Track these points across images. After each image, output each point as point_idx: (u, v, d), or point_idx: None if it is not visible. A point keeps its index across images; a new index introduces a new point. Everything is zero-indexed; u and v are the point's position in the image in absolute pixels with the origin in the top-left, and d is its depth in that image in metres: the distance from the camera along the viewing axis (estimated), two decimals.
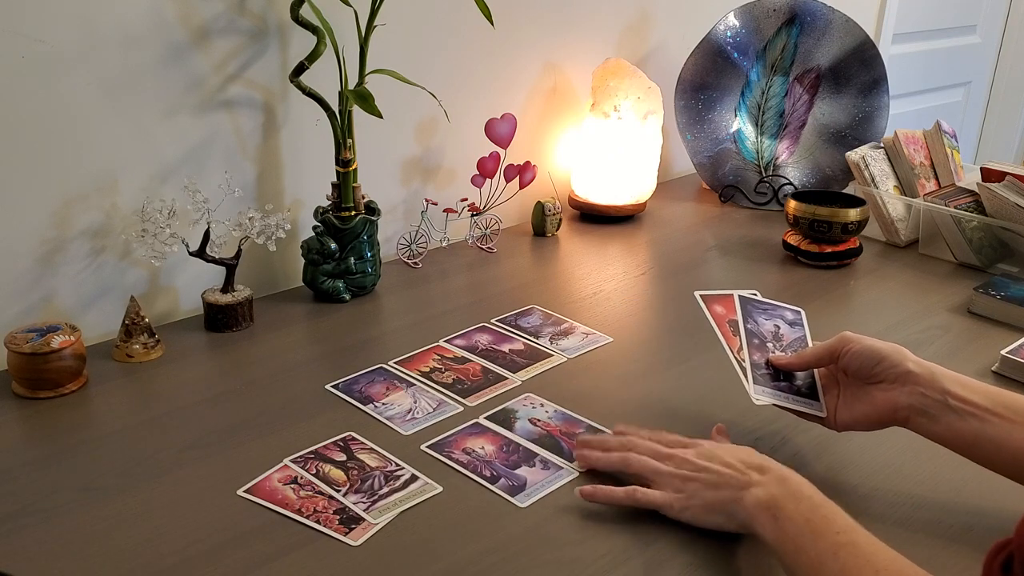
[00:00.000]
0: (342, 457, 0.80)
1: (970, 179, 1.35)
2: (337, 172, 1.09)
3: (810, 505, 0.63)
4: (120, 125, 1.00)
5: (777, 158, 1.56)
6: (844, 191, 1.38)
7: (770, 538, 0.63)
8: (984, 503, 0.75)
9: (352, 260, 1.12)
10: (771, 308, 0.88)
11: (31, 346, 0.87)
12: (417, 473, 0.78)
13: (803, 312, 0.89)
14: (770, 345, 0.83)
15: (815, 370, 0.81)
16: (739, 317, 0.85)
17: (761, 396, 0.79)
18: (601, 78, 1.41)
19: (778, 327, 0.86)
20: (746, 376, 0.80)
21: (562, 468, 0.79)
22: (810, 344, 0.84)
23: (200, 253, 1.02)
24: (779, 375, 0.81)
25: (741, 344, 0.83)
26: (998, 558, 0.46)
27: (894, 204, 1.34)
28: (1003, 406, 0.68)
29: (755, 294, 0.89)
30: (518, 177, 1.33)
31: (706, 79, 1.54)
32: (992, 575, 0.46)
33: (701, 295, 0.87)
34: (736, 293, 0.88)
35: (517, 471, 0.79)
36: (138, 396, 0.91)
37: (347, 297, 1.13)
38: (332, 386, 0.93)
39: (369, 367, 0.97)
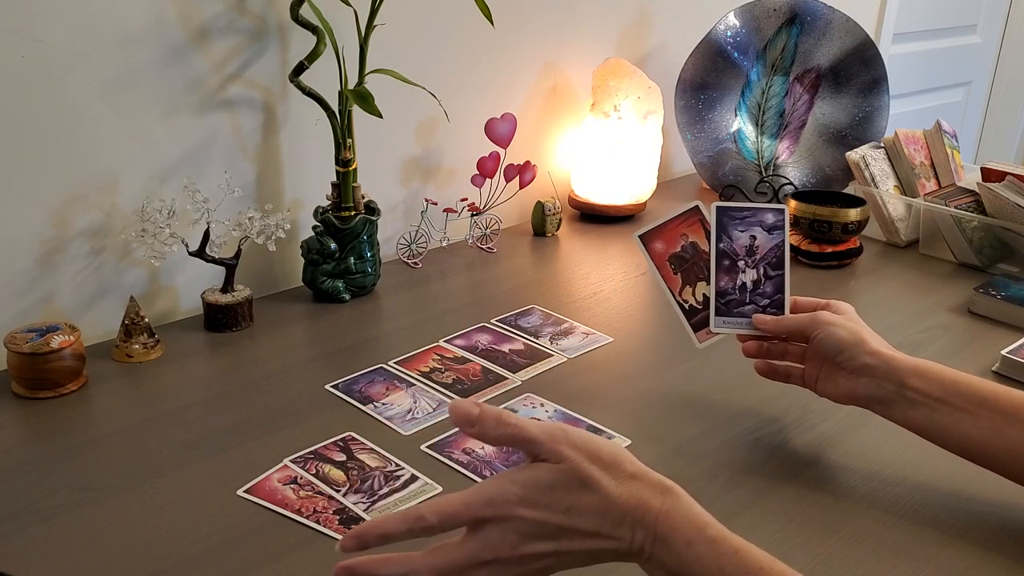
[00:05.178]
0: (342, 457, 0.80)
1: (970, 179, 1.35)
2: (337, 172, 1.09)
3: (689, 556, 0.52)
4: (120, 125, 1.00)
5: (777, 158, 1.56)
6: (844, 191, 1.38)
7: None
8: (986, 503, 0.74)
9: (352, 260, 1.12)
10: (750, 214, 0.81)
11: (31, 346, 0.87)
12: (417, 473, 0.78)
13: (786, 210, 0.83)
14: (741, 264, 0.80)
15: (787, 283, 0.82)
16: (713, 233, 0.79)
17: (721, 328, 0.79)
18: (601, 78, 1.41)
19: (754, 238, 0.81)
20: (694, 316, 0.77)
21: None
22: (786, 250, 0.82)
23: (200, 253, 1.02)
24: (746, 299, 0.79)
25: (708, 271, 0.79)
26: None
27: (894, 204, 1.34)
28: (956, 395, 0.71)
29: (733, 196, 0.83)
30: (518, 177, 1.33)
31: (706, 79, 1.54)
32: None
33: (639, 235, 0.81)
34: (714, 205, 0.80)
35: None
36: (138, 396, 0.91)
37: (347, 297, 1.13)
38: (332, 386, 0.93)
39: (369, 367, 0.97)
